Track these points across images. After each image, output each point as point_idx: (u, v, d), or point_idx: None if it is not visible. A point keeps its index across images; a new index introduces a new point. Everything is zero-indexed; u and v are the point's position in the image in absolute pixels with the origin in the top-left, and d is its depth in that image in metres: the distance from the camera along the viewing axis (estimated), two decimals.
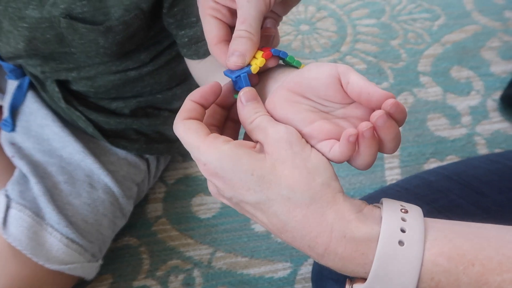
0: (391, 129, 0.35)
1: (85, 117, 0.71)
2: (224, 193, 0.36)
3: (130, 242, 0.86)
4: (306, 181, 0.34)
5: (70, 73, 0.66)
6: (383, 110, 0.34)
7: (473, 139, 1.01)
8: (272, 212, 0.34)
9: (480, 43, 1.18)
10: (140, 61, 0.66)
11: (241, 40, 0.39)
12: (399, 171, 0.96)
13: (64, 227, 0.67)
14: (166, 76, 0.71)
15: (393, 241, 0.32)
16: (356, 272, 0.33)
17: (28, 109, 0.74)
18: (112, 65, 0.65)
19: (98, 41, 0.58)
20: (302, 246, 0.34)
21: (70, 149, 0.72)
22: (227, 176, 0.35)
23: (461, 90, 1.09)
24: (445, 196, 0.60)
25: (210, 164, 0.35)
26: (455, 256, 0.32)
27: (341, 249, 0.33)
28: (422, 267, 0.32)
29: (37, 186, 0.68)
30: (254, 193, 0.34)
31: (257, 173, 0.34)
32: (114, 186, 0.73)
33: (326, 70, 0.38)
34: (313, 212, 0.33)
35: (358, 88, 0.36)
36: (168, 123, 0.77)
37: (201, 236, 0.87)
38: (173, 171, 0.95)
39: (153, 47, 0.66)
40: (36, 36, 0.58)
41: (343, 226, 0.33)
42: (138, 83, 0.70)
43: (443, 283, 0.31)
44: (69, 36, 0.57)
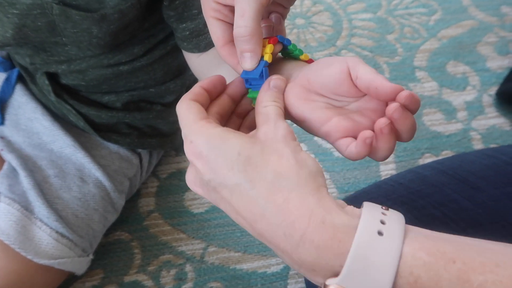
0: (408, 120, 0.35)
1: (76, 111, 0.70)
2: (203, 176, 0.34)
3: (122, 237, 0.85)
4: (293, 169, 0.33)
5: (60, 65, 0.64)
6: (398, 103, 0.35)
7: (468, 134, 1.00)
8: (251, 195, 0.33)
9: (476, 38, 1.17)
10: (133, 55, 0.65)
11: (245, 40, 0.38)
12: (394, 166, 0.96)
13: (54, 221, 0.66)
14: (161, 71, 0.70)
15: (372, 230, 0.31)
16: (331, 266, 0.31)
17: (16, 102, 0.72)
18: (104, 58, 0.63)
19: (91, 30, 0.56)
20: (276, 236, 0.32)
21: (60, 143, 0.71)
22: (211, 156, 0.33)
23: (457, 85, 1.08)
24: (439, 190, 0.59)
25: (196, 142, 0.34)
26: (435, 252, 0.30)
27: (318, 236, 0.31)
28: (401, 260, 0.30)
29: (27, 179, 0.67)
30: (238, 172, 0.33)
31: (244, 153, 0.33)
32: (105, 181, 0.72)
33: (337, 66, 0.38)
34: (295, 196, 0.32)
35: (367, 82, 0.36)
36: (161, 117, 0.76)
37: (193, 230, 0.87)
38: (165, 166, 0.94)
39: (147, 40, 0.64)
40: (26, 24, 0.56)
41: (323, 212, 0.31)
42: (131, 78, 0.68)
43: (423, 278, 0.30)
44: (61, 24, 0.55)
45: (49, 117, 0.72)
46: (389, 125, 0.35)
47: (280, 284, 0.81)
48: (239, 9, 0.38)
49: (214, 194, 0.35)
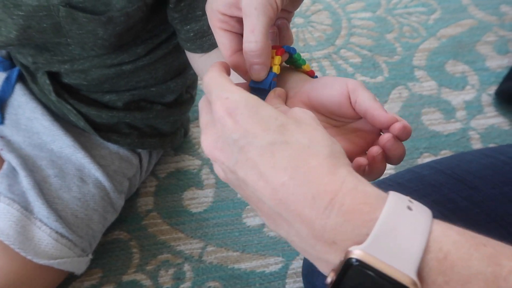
0: (399, 149, 0.38)
1: (76, 111, 0.70)
2: (231, 134, 0.33)
3: (120, 236, 0.85)
4: (327, 141, 0.33)
5: (63, 65, 0.64)
6: (391, 134, 0.37)
7: (467, 134, 1.00)
8: (284, 156, 0.31)
9: (475, 38, 1.17)
10: (136, 55, 0.65)
11: (256, 54, 0.39)
12: (393, 166, 0.95)
13: (54, 222, 0.66)
14: (162, 71, 0.70)
15: (402, 204, 0.30)
16: (356, 235, 0.29)
17: (16, 102, 0.72)
18: (107, 58, 0.63)
19: (97, 31, 0.56)
20: (302, 199, 0.30)
21: (60, 142, 0.71)
22: (247, 112, 0.32)
23: (456, 84, 1.08)
24: (437, 190, 0.59)
25: (233, 98, 0.33)
26: (465, 233, 0.29)
27: (349, 200, 0.30)
28: (431, 235, 0.29)
29: (26, 179, 0.67)
30: (273, 133, 0.32)
31: (280, 119, 0.33)
32: (105, 181, 0.72)
33: (338, 89, 0.40)
34: (329, 163, 0.31)
35: (364, 108, 0.39)
36: (161, 117, 0.76)
37: (192, 230, 0.87)
38: (164, 165, 0.94)
39: (150, 40, 0.65)
40: (31, 25, 0.56)
41: (356, 180, 0.31)
42: (133, 78, 0.68)
43: (453, 255, 0.28)
44: (67, 26, 0.55)
45: (49, 117, 0.71)
46: (381, 153, 0.38)
47: (279, 283, 0.81)
48: (249, 24, 0.39)
49: (238, 155, 0.33)
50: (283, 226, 0.32)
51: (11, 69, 0.71)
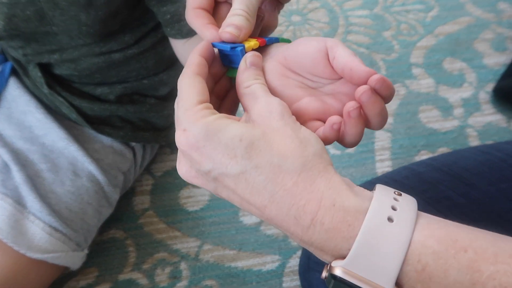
0: (376, 104, 0.34)
1: (69, 103, 0.69)
2: (200, 167, 0.33)
3: (116, 235, 0.85)
4: (298, 150, 0.32)
5: (52, 55, 0.64)
6: (368, 86, 0.34)
7: (465, 131, 1.00)
8: (258, 181, 0.32)
9: (473, 35, 1.17)
10: (124, 43, 0.65)
11: (238, 17, 0.37)
12: (390, 163, 0.95)
13: (47, 215, 0.66)
14: (153, 60, 0.70)
15: (382, 216, 0.30)
16: (339, 249, 0.31)
17: (10, 95, 0.72)
18: (95, 46, 0.63)
19: (79, 17, 0.56)
20: (286, 219, 0.31)
21: (53, 136, 0.71)
22: (209, 145, 0.32)
23: (454, 82, 1.08)
24: (434, 187, 0.59)
25: (191, 131, 0.32)
26: (447, 240, 0.30)
27: (328, 219, 0.30)
28: (410, 247, 0.29)
29: (19, 174, 0.67)
30: (241, 160, 0.32)
31: (246, 139, 0.32)
32: (98, 174, 0.72)
33: (315, 45, 0.37)
34: (304, 179, 0.31)
35: (343, 63, 0.35)
36: (154, 111, 0.75)
37: (188, 228, 0.86)
38: (160, 163, 0.93)
39: (138, 28, 0.64)
40: (16, 13, 0.56)
41: (334, 194, 0.31)
42: (123, 67, 0.68)
43: (431, 266, 0.29)
44: (50, 12, 0.55)
45: (42, 110, 0.71)
46: (357, 108, 0.34)
47: (275, 281, 0.81)
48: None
49: (215, 184, 0.34)
50: (279, 228, 0.34)
51: (4, 63, 0.70)
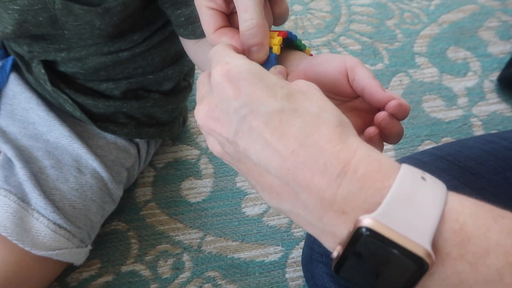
0: (395, 127, 0.37)
1: (72, 100, 0.69)
2: (231, 102, 0.31)
3: (119, 227, 0.85)
4: (335, 110, 0.31)
5: (59, 53, 0.64)
6: (386, 112, 0.36)
7: (469, 121, 0.99)
8: (293, 123, 0.30)
9: (477, 23, 1.15)
10: (133, 42, 0.64)
11: (252, 32, 0.38)
12: (393, 153, 0.95)
13: (51, 213, 0.65)
14: (159, 57, 0.69)
15: (416, 174, 0.29)
16: (368, 204, 0.28)
17: (11, 92, 0.72)
18: (104, 45, 0.62)
19: (94, 22, 0.55)
20: (313, 168, 0.29)
21: (56, 133, 0.71)
22: (251, 79, 0.31)
23: (458, 71, 1.07)
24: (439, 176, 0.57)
25: (234, 63, 0.32)
26: (483, 205, 0.28)
27: (363, 167, 0.28)
28: (447, 205, 0.27)
29: (23, 171, 0.66)
30: (281, 100, 0.30)
31: (287, 88, 0.32)
32: (102, 171, 0.71)
33: (335, 66, 0.39)
34: (340, 132, 0.30)
35: (362, 86, 0.38)
36: (158, 106, 0.75)
37: (190, 220, 0.86)
38: (162, 155, 0.93)
39: (147, 27, 0.64)
40: (27, 19, 0.55)
41: (368, 149, 0.30)
42: (129, 64, 0.68)
43: (470, 226, 0.26)
44: (63, 18, 0.55)
45: (45, 107, 0.71)
46: (377, 134, 0.37)
47: (278, 272, 0.80)
48: (241, 5, 0.38)
49: (239, 125, 0.31)
50: (288, 199, 0.31)
51: (5, 58, 0.70)
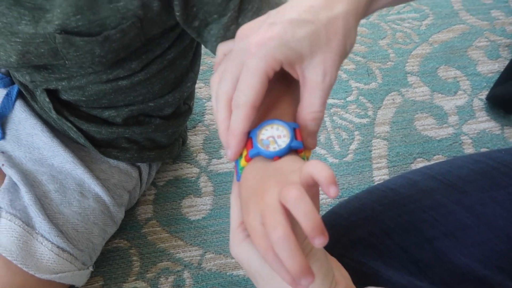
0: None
1: (77, 128, 0.71)
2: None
3: (120, 244, 0.87)
4: None
5: (60, 82, 0.65)
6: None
7: (459, 139, 1.02)
8: None
9: (467, 43, 1.19)
10: (131, 70, 0.65)
11: (318, 123, 0.43)
12: (387, 171, 0.97)
13: (55, 237, 0.67)
14: (159, 85, 0.70)
15: None
16: None
17: (16, 118, 0.73)
18: (103, 73, 0.64)
19: (94, 51, 0.57)
20: None
21: (60, 158, 0.72)
22: None
23: (449, 90, 1.10)
24: (429, 195, 0.61)
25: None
26: None
27: None
28: None
29: (28, 195, 0.68)
30: None
31: None
32: (104, 195, 0.73)
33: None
34: None
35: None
36: (160, 130, 0.77)
37: (191, 237, 0.88)
38: (163, 173, 0.95)
39: (145, 55, 0.65)
40: (29, 51, 0.57)
41: None
42: (130, 93, 0.69)
43: None
44: (64, 50, 0.56)
45: (49, 133, 0.72)
46: None
47: None
48: (314, 90, 0.42)
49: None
50: None
51: (11, 85, 0.71)
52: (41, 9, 0.54)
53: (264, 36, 0.40)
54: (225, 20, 0.53)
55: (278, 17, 0.41)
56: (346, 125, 1.04)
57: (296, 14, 0.40)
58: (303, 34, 0.40)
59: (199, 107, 1.05)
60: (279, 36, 0.40)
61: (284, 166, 0.40)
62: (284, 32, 0.40)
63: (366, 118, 1.05)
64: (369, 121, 1.04)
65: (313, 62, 0.41)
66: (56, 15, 0.53)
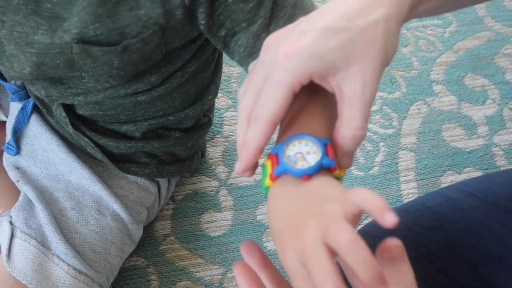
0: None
1: (94, 143, 0.68)
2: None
3: (138, 262, 0.84)
4: None
5: (77, 97, 0.62)
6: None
7: (490, 150, 0.98)
8: None
9: (493, 50, 1.15)
10: (150, 83, 0.62)
11: (358, 142, 0.38)
12: (415, 184, 0.93)
13: (72, 258, 0.64)
14: (179, 99, 0.67)
15: None
16: None
17: (32, 132, 0.71)
18: (121, 88, 0.61)
19: (112, 62, 0.54)
20: None
21: (77, 174, 0.70)
22: None
23: (476, 99, 1.06)
24: (469, 215, 0.57)
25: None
26: None
27: None
28: None
29: (43, 213, 0.65)
30: None
31: None
32: (123, 213, 0.70)
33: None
34: None
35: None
36: (179, 144, 0.74)
37: (211, 255, 0.85)
38: (181, 187, 0.92)
39: (165, 68, 0.61)
40: (44, 62, 0.55)
41: None
42: (149, 108, 0.66)
43: None
44: (81, 61, 0.54)
45: (65, 148, 0.70)
46: None
47: None
48: (356, 104, 0.37)
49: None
50: None
51: (26, 99, 0.69)
52: (58, 18, 0.51)
53: (293, 47, 0.36)
54: (254, 28, 0.50)
55: (309, 25, 0.37)
56: (370, 136, 1.00)
57: (329, 21, 0.36)
58: (337, 43, 0.36)
59: (217, 118, 1.02)
60: (309, 47, 0.36)
61: (318, 189, 0.36)
62: (315, 42, 0.36)
63: (391, 128, 1.01)
64: (395, 131, 1.00)
65: (350, 73, 0.37)
66: (74, 24, 0.50)
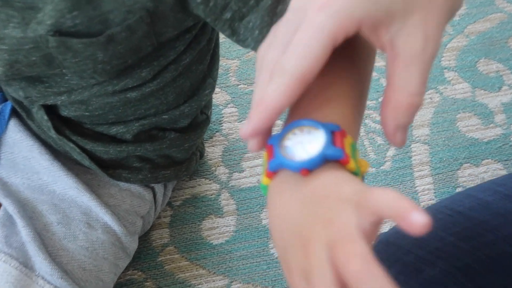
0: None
1: (80, 148, 0.63)
2: None
3: (134, 276, 0.79)
4: None
5: (59, 96, 0.57)
6: None
7: (510, 140, 0.92)
8: None
9: (507, 33, 1.08)
10: (141, 79, 0.56)
11: (415, 111, 0.31)
12: (431, 179, 0.87)
13: (59, 278, 0.59)
14: (173, 95, 0.62)
15: None
16: None
17: (11, 139, 0.65)
18: (108, 84, 0.55)
19: (96, 56, 0.49)
20: None
21: (62, 184, 0.64)
22: None
23: (492, 85, 1.00)
24: (509, 221, 0.51)
25: None
26: None
27: None
28: None
29: (25, 230, 0.60)
30: None
31: None
32: (115, 225, 0.65)
33: None
34: None
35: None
36: (175, 145, 0.68)
37: (214, 265, 0.80)
38: (178, 191, 0.87)
39: (157, 61, 0.55)
40: (18, 59, 0.50)
41: None
42: (140, 105, 0.61)
43: None
44: (60, 56, 0.49)
45: (48, 155, 0.64)
46: None
47: None
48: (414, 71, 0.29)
49: None
50: None
51: (3, 102, 0.64)
52: (32, 9, 0.46)
53: None
54: (268, 2, 0.42)
55: None
56: (380, 129, 0.94)
57: None
58: None
59: (216, 115, 0.96)
60: None
61: (327, 189, 0.27)
62: None
63: None
64: None
65: (409, 24, 0.28)
66: (48, 14, 0.45)
